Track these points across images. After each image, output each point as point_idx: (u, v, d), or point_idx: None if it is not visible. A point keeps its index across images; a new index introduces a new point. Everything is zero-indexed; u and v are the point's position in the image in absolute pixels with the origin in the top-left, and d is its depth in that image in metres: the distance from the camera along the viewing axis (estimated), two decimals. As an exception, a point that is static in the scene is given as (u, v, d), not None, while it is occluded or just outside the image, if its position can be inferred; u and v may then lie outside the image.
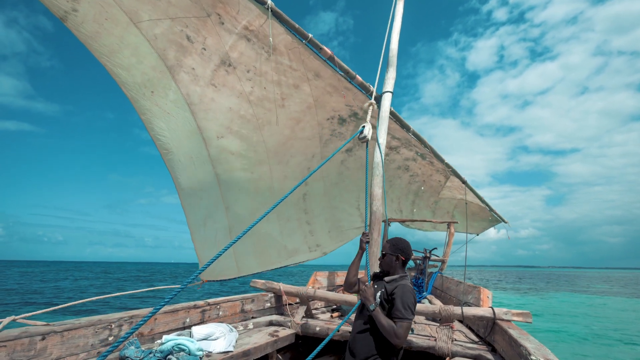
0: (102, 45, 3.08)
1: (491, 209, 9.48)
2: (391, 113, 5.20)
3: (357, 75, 4.62)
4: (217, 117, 4.09)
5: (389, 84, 4.93)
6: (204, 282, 4.85)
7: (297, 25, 3.76)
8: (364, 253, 2.78)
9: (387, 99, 4.84)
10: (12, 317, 2.39)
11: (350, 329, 3.88)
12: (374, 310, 2.20)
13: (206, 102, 3.91)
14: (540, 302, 20.42)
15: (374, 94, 4.71)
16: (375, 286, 2.45)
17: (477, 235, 11.09)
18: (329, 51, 4.14)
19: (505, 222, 10.27)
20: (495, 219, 10.08)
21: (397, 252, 2.45)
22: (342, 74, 4.47)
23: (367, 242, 2.78)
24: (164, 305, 1.72)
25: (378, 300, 2.32)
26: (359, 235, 8.09)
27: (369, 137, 3.27)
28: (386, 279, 2.43)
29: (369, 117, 3.56)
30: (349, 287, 2.67)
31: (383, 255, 2.53)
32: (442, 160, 7.03)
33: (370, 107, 3.75)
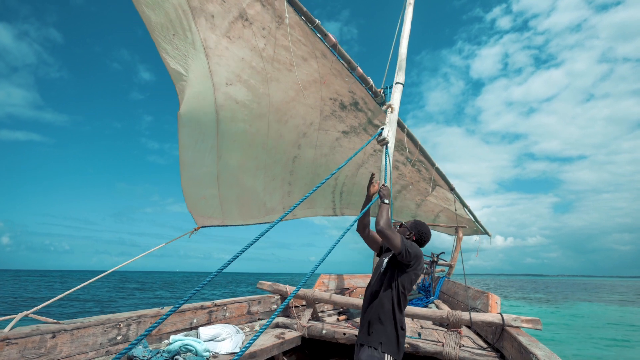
0: None
1: (476, 220, 9.64)
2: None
3: (358, 67, 4.67)
4: (229, 63, 4.22)
5: (399, 88, 4.92)
6: (196, 230, 5.13)
7: (304, 9, 3.87)
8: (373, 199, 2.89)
9: (396, 102, 4.83)
10: (25, 313, 2.42)
11: (356, 332, 3.86)
12: (387, 203, 2.51)
13: (221, 49, 4.05)
14: (557, 313, 19.73)
15: (380, 91, 4.73)
16: (384, 257, 2.59)
17: (465, 227, 11.48)
18: (333, 39, 4.20)
19: (489, 235, 10.67)
20: (479, 230, 10.39)
21: (413, 229, 2.63)
22: (344, 63, 4.56)
23: (376, 192, 2.86)
24: (188, 298, 1.71)
25: (386, 259, 2.52)
26: (326, 210, 8.13)
27: (389, 139, 3.18)
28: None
29: (388, 119, 3.47)
30: (363, 228, 2.83)
31: (400, 225, 2.73)
32: (432, 164, 7.02)
33: (389, 110, 3.68)
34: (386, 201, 2.56)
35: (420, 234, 2.62)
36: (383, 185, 2.75)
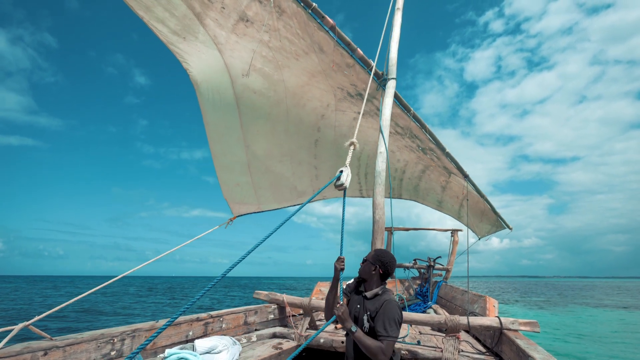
0: (139, 3, 3.58)
1: (494, 211, 9.12)
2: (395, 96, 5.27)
3: (358, 49, 4.69)
4: (242, 55, 4.43)
5: (390, 93, 4.96)
6: (232, 220, 5.56)
7: None
8: (339, 281, 2.52)
9: (388, 107, 4.86)
10: (24, 324, 2.35)
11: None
12: (355, 332, 2.10)
13: (231, 43, 4.26)
14: (556, 317, 19.22)
15: (374, 70, 4.77)
16: (358, 306, 2.32)
17: (479, 239, 10.70)
18: (331, 21, 4.25)
19: (510, 229, 9.95)
20: (499, 224, 9.77)
21: (377, 262, 2.34)
22: (343, 45, 4.59)
23: (342, 270, 2.49)
24: (199, 297, 1.68)
25: (366, 320, 2.21)
26: (353, 191, 7.96)
27: (347, 185, 2.71)
28: (367, 294, 2.31)
29: (348, 160, 2.94)
30: (330, 314, 2.48)
31: (363, 261, 2.45)
32: (443, 149, 6.79)
33: (352, 147, 3.09)
34: (353, 329, 2.10)
35: (384, 265, 2.33)
36: (338, 305, 2.24)
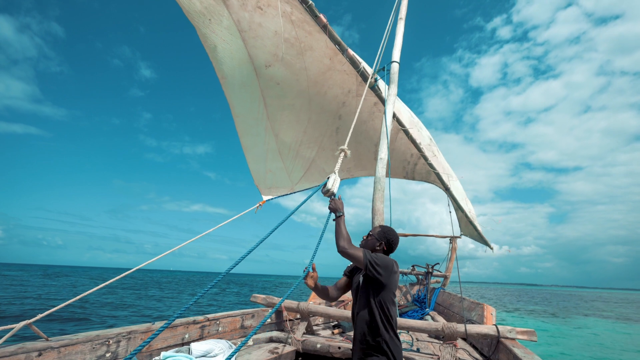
0: None
1: (476, 229, 8.96)
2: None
3: (349, 49, 4.74)
4: (265, 43, 4.50)
5: (391, 100, 4.97)
6: (261, 205, 5.77)
7: None
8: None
9: (389, 114, 4.86)
10: (25, 322, 2.32)
11: (349, 345, 3.81)
12: (340, 216, 2.34)
13: (254, 29, 4.32)
14: (555, 328, 18.70)
15: (370, 79, 4.90)
16: (361, 277, 2.36)
17: (460, 237, 10.45)
18: (324, 20, 4.32)
19: (492, 249, 9.74)
20: (482, 239, 9.61)
21: (382, 239, 2.43)
22: (335, 45, 4.67)
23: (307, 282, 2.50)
24: (207, 290, 1.68)
25: (360, 280, 2.31)
26: (371, 171, 7.94)
27: (334, 191, 2.67)
28: None
29: (337, 167, 2.83)
30: (330, 299, 2.61)
31: (368, 235, 2.52)
32: (425, 159, 6.88)
33: (342, 154, 3.07)
34: (339, 213, 2.35)
35: (389, 242, 2.44)
36: (332, 199, 2.49)
